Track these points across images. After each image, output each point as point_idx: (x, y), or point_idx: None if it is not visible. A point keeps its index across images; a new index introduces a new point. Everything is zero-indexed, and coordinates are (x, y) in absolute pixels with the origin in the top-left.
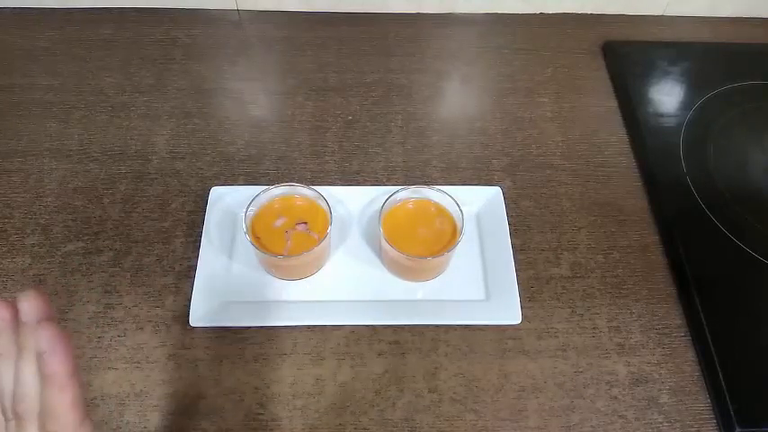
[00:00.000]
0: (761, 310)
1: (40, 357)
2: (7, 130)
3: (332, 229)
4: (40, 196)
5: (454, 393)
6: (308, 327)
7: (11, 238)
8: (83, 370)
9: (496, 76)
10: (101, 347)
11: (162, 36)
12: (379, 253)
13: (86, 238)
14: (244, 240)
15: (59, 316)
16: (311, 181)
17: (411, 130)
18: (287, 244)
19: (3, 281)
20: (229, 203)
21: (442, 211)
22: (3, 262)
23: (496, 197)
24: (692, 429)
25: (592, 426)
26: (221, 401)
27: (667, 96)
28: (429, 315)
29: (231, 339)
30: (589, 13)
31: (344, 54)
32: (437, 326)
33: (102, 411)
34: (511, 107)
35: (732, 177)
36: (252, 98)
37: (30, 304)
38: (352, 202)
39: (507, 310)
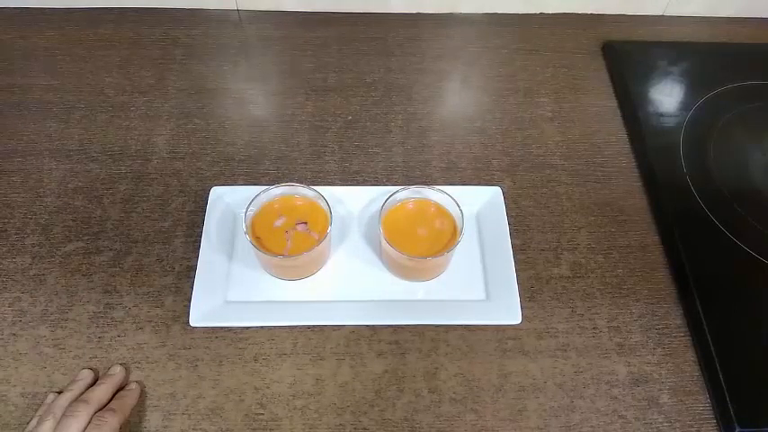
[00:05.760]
0: (761, 310)
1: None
2: (7, 130)
3: (332, 229)
4: (40, 196)
5: (454, 393)
6: (308, 327)
7: (11, 238)
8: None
9: (496, 76)
10: (101, 347)
11: (162, 36)
12: (379, 253)
13: (86, 238)
14: (244, 240)
15: (59, 316)
16: (311, 181)
17: (411, 130)
18: (287, 244)
19: (3, 281)
20: (229, 203)
21: (442, 212)
22: (3, 262)
23: (496, 197)
24: (692, 429)
25: (592, 426)
26: (221, 401)
27: (667, 96)
28: (429, 315)
29: (231, 339)
30: (589, 13)
31: (344, 54)
32: (437, 326)
33: None
34: (511, 107)
35: (732, 177)
36: (252, 98)
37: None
38: (352, 202)
39: (507, 310)
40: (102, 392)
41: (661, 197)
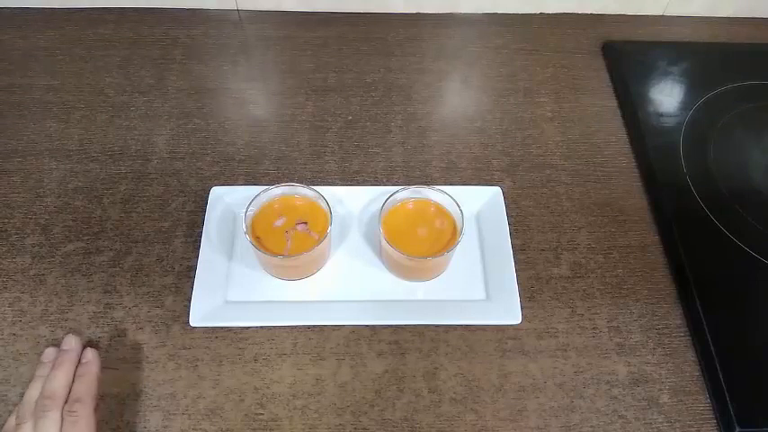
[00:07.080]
0: (761, 310)
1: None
2: (7, 130)
3: (332, 229)
4: (40, 196)
5: (454, 393)
6: (308, 327)
7: (11, 238)
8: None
9: (496, 76)
10: (101, 347)
11: (162, 36)
12: (379, 253)
13: (86, 238)
14: (244, 240)
15: (59, 316)
16: (311, 181)
17: (411, 130)
18: (287, 244)
19: (3, 281)
20: (229, 203)
21: (442, 212)
22: (3, 262)
23: (496, 197)
24: (692, 429)
25: (592, 426)
26: (221, 401)
27: (667, 96)
28: (429, 315)
29: (231, 339)
30: (589, 13)
31: (344, 54)
32: (437, 326)
33: (102, 411)
34: (511, 107)
35: (732, 177)
36: (252, 98)
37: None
38: (352, 202)
39: (507, 310)
40: (61, 380)
41: (661, 197)
